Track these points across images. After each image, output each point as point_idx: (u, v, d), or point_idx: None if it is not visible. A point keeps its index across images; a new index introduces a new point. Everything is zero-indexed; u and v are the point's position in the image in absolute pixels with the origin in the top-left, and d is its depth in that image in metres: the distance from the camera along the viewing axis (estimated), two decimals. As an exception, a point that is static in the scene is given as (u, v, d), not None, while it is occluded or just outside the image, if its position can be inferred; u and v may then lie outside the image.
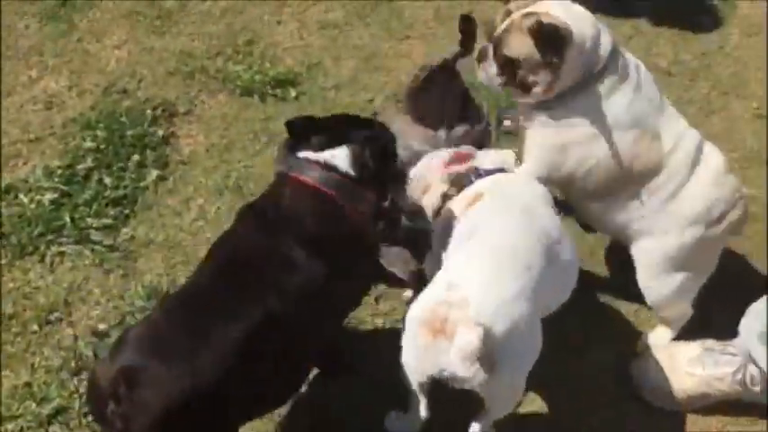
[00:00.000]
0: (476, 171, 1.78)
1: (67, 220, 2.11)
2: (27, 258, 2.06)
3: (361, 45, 2.75)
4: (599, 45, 1.69)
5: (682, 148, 1.78)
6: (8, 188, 2.19)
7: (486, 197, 1.69)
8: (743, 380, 1.78)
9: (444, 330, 1.43)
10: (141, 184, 2.23)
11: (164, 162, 2.29)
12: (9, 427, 1.77)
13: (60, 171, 2.21)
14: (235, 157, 2.35)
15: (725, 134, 2.54)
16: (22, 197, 2.17)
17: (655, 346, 1.91)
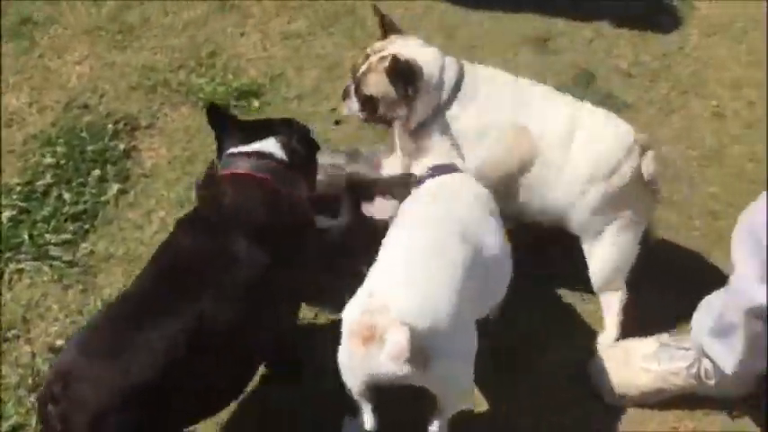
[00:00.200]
0: (427, 172, 1.81)
1: (26, 237, 2.11)
2: (-15, 276, 2.06)
3: (324, 54, 2.77)
4: (444, 78, 1.87)
5: (550, 128, 1.87)
6: (-33, 207, 2.19)
7: (420, 198, 1.74)
8: (697, 374, 1.79)
9: (374, 337, 1.46)
10: (102, 199, 2.23)
11: (125, 176, 2.29)
12: (-34, 444, 1.77)
13: (19, 188, 2.21)
14: (197, 169, 2.36)
15: (684, 133, 2.57)
16: (-20, 215, 2.17)
17: (606, 345, 1.93)
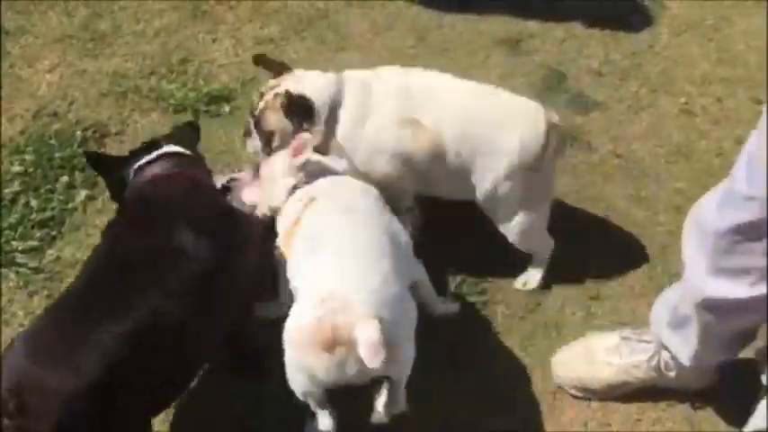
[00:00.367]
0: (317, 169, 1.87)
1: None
2: (-49, 284, 2.06)
3: (297, 59, 2.77)
4: (333, 104, 1.96)
5: (451, 116, 1.93)
6: (-66, 215, 2.19)
7: (323, 201, 1.79)
8: (657, 366, 1.81)
9: (339, 339, 1.47)
10: (69, 206, 2.23)
11: (93, 182, 2.29)
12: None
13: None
14: (167, 175, 2.37)
15: (652, 130, 2.59)
16: (-53, 224, 2.17)
17: (531, 285, 2.05)
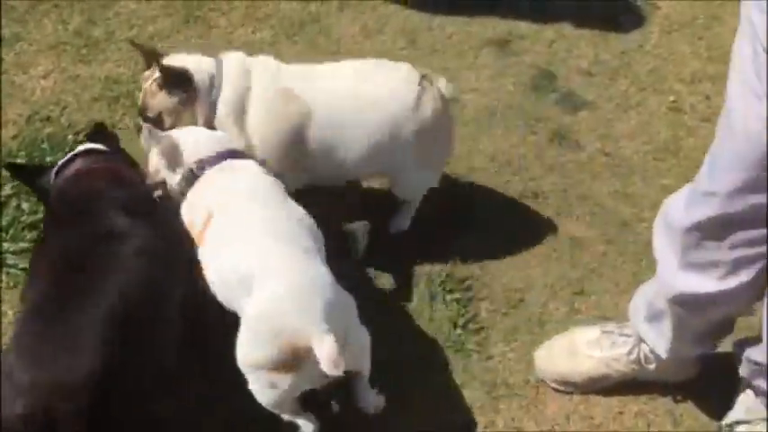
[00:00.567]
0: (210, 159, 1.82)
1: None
2: (-58, 284, 2.09)
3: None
4: (215, 76, 1.96)
5: (326, 86, 1.95)
6: (-74, 218, 2.22)
7: (228, 196, 1.75)
8: (638, 359, 1.82)
9: (299, 358, 1.49)
10: (60, 208, 2.26)
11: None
12: None
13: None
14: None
15: (641, 128, 2.60)
16: (-60, 227, 2.20)
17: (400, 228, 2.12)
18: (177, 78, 1.93)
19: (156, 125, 1.95)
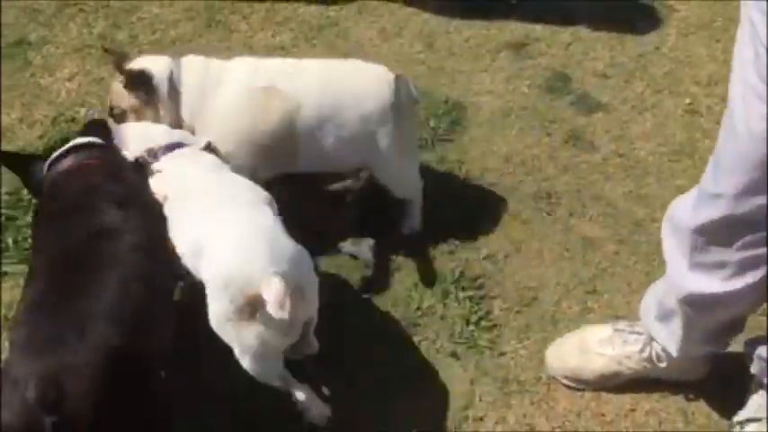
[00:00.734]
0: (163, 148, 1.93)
1: (10, 241, 2.21)
2: (-31, 280, 2.15)
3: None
4: (173, 79, 2.07)
5: (305, 83, 2.05)
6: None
7: (179, 181, 1.86)
8: (649, 357, 1.82)
9: (253, 303, 1.57)
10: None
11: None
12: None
13: (7, 197, 2.31)
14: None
15: (656, 130, 2.60)
16: (-32, 223, 2.27)
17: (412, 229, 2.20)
18: (138, 80, 2.06)
19: (122, 121, 2.10)
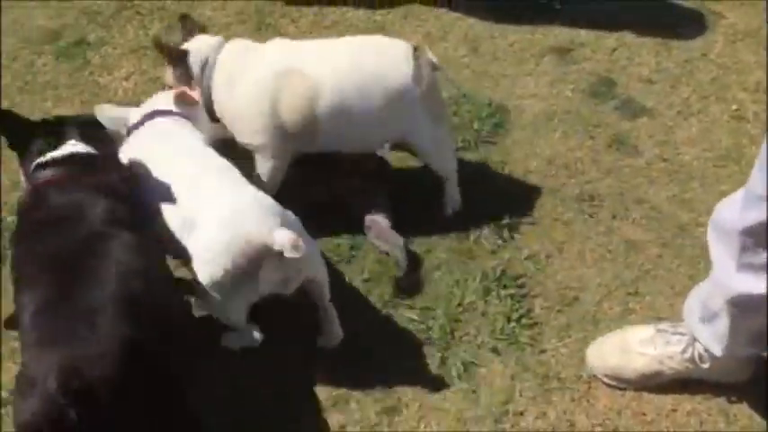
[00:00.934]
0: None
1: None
2: None
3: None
4: (207, 59, 2.13)
5: (332, 65, 2.09)
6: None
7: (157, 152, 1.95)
8: (692, 357, 1.82)
9: (262, 251, 1.67)
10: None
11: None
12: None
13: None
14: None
15: (702, 135, 2.59)
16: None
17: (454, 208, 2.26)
18: (174, 56, 2.14)
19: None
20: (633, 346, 1.88)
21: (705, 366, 1.82)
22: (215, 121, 2.18)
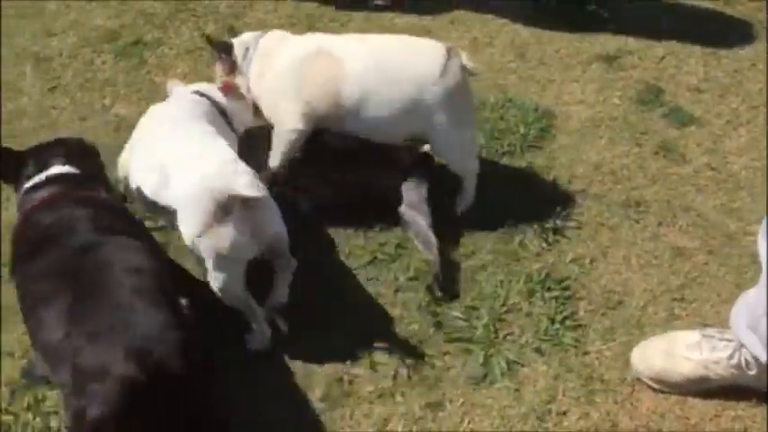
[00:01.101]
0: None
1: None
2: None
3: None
4: (248, 49, 2.29)
5: (359, 55, 2.17)
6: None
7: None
8: (738, 364, 1.82)
9: (227, 207, 1.79)
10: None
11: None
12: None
13: (123, 181, 2.50)
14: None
15: (751, 144, 2.59)
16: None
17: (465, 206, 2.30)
18: (220, 49, 2.30)
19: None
20: (679, 351, 1.88)
21: (751, 373, 1.82)
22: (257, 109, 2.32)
